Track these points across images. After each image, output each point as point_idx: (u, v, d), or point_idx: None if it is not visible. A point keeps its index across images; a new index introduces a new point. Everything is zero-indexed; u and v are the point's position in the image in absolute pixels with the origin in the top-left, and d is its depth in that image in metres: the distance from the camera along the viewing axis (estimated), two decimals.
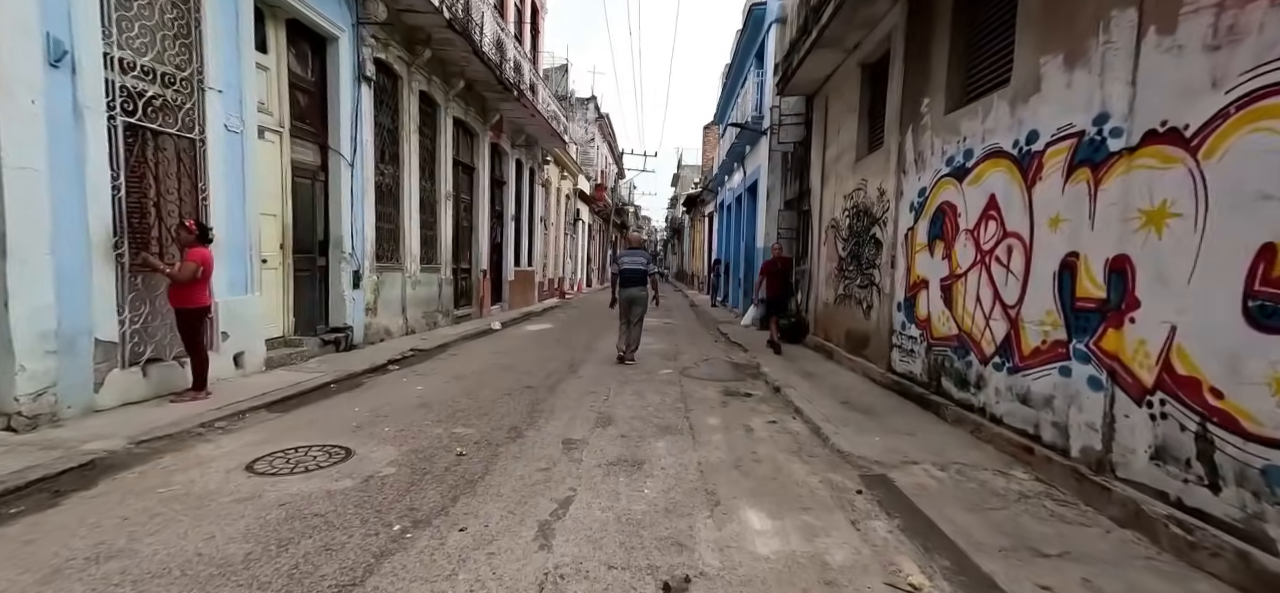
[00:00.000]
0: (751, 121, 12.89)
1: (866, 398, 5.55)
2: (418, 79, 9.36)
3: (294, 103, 6.77)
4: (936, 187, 5.09)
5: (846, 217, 7.64)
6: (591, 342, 9.58)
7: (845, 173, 7.71)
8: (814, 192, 9.28)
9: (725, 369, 7.43)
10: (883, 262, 6.27)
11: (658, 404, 5.30)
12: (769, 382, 6.46)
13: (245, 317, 5.68)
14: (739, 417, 4.99)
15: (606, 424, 4.57)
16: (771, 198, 12.07)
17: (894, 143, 6.00)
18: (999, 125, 4.15)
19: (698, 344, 9.88)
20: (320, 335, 7.14)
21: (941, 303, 4.94)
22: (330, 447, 3.73)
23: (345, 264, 7.50)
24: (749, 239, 14.76)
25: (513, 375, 6.41)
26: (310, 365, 6.33)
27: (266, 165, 6.28)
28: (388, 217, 8.93)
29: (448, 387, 5.73)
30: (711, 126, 33.12)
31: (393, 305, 8.95)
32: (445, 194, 10.73)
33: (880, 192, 6.42)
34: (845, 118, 7.76)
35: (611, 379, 6.41)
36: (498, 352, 8.19)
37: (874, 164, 6.70)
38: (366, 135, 7.93)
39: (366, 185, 7.97)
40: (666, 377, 6.68)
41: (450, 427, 4.32)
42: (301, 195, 6.95)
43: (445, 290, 10.78)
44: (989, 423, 4.10)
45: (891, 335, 5.96)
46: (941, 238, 4.98)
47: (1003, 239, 4.07)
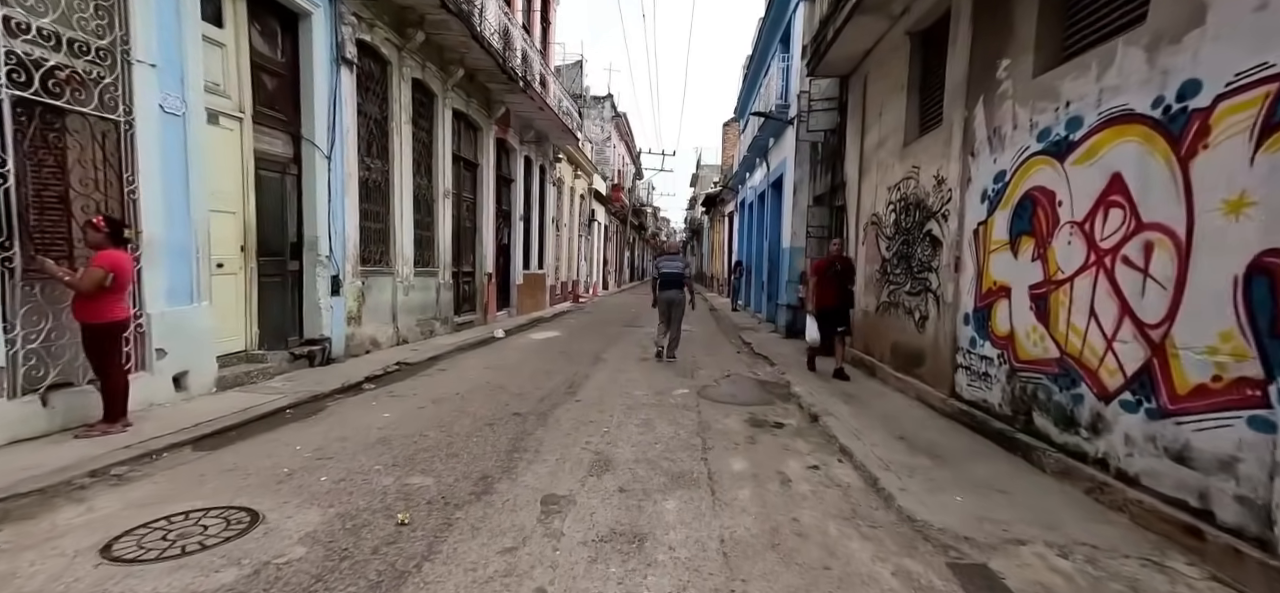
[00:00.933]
0: (776, 110, 11.83)
1: (928, 432, 4.49)
2: (410, 65, 8.56)
3: (258, 86, 5.98)
4: (1022, 169, 4.01)
5: (892, 211, 6.57)
6: (601, 352, 8.63)
7: (890, 160, 6.63)
8: (849, 184, 8.20)
9: (750, 389, 6.42)
10: (942, 264, 5.20)
11: (669, 439, 4.32)
12: (804, 407, 5.43)
13: (190, 330, 4.88)
14: (771, 459, 3.98)
15: (602, 470, 3.61)
16: (799, 193, 10.99)
17: (957, 119, 4.93)
18: (1128, 79, 3.08)
19: (717, 356, 8.87)
20: (291, 349, 6.34)
21: (1031, 317, 3.86)
22: (235, 511, 2.85)
23: (321, 268, 6.69)
24: (773, 239, 13.66)
25: (502, 398, 5.50)
26: (272, 385, 5.51)
27: (222, 155, 5.49)
28: (375, 215, 8.13)
29: (421, 413, 4.84)
30: (731, 124, 32.01)
31: (381, 313, 8.14)
32: (444, 192, 9.92)
33: (937, 179, 5.35)
34: (890, 97, 6.69)
35: (617, 402, 5.45)
36: (493, 366, 7.31)
37: (929, 147, 5.63)
38: (347, 125, 7.12)
39: (348, 180, 7.17)
40: (681, 399, 5.70)
41: (405, 475, 3.41)
42: (268, 191, 6.15)
43: (444, 296, 9.97)
44: (1117, 483, 3.03)
45: (955, 353, 4.88)
46: (1031, 234, 3.91)
47: (1136, 233, 3.00)
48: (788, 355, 8.49)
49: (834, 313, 6.66)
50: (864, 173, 7.64)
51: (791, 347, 9.41)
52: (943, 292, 5.16)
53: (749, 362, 8.39)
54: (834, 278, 6.65)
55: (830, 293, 6.64)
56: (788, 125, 11.64)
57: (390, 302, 8.37)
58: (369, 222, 7.97)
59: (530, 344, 9.55)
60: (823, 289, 6.69)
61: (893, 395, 5.84)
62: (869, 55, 7.40)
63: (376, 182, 8.13)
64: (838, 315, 6.66)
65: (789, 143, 11.73)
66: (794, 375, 6.90)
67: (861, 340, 7.50)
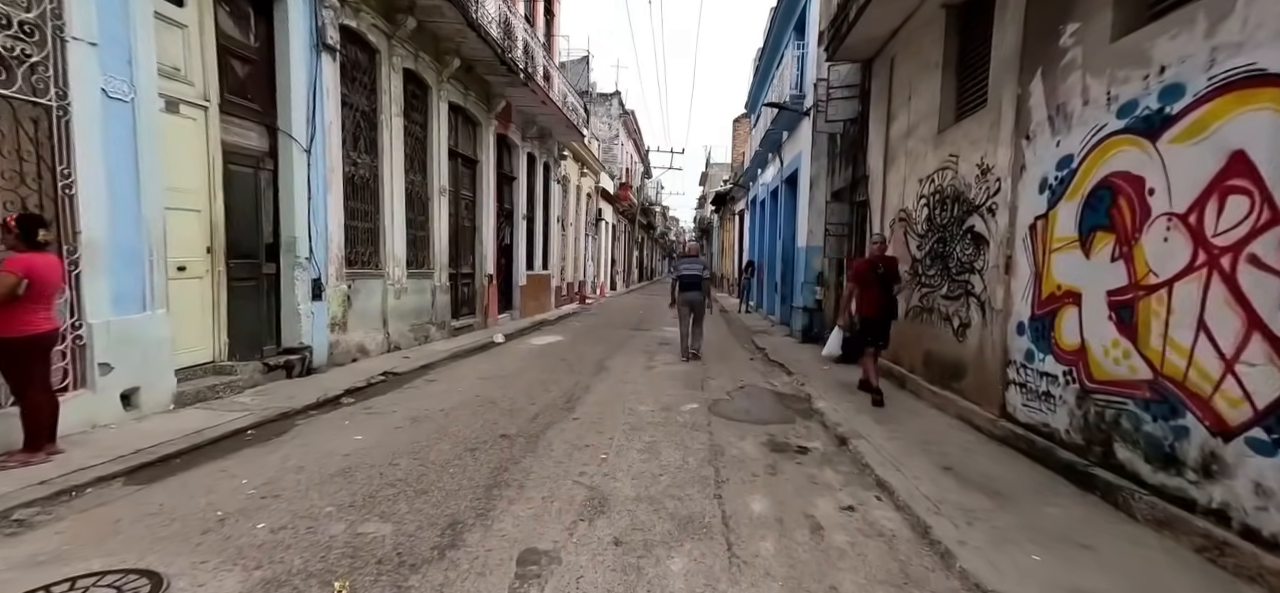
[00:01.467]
0: (790, 101, 11.18)
1: (978, 461, 3.85)
2: (401, 54, 8.03)
3: (227, 72, 5.47)
4: (1097, 152, 3.37)
5: (923, 205, 5.92)
6: (604, 359, 8.06)
7: (922, 149, 5.99)
8: (872, 177, 7.55)
9: (767, 403, 5.81)
10: (989, 264, 4.55)
11: (676, 469, 3.73)
12: (829, 427, 4.81)
13: (142, 341, 4.37)
14: (796, 496, 3.37)
15: (596, 513, 3.03)
16: (815, 188, 10.33)
17: (1007, 98, 4.29)
18: (1257, 31, 2.44)
19: (729, 362, 8.25)
20: (265, 360, 5.82)
21: (1111, 328, 3.22)
22: (134, 576, 2.31)
23: (300, 271, 6.18)
24: (787, 237, 13.01)
25: (491, 415, 4.94)
26: (239, 401, 5.00)
27: (183, 148, 4.99)
28: (363, 214, 7.62)
29: (396, 435, 4.29)
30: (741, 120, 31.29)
31: (369, 318, 7.63)
32: (439, 189, 9.41)
33: (982, 168, 4.71)
34: (922, 79, 6.04)
35: (618, 420, 4.87)
36: (488, 375, 6.76)
37: (969, 133, 4.99)
38: (330, 117, 6.61)
39: (331, 176, 6.65)
40: (690, 416, 5.10)
41: (360, 520, 2.86)
42: (239, 187, 5.65)
43: (440, 299, 9.45)
44: (1244, 543, 2.39)
45: (1005, 367, 4.24)
46: (1108, 229, 3.27)
47: (1270, 226, 2.36)
48: (806, 363, 7.86)
49: (877, 324, 5.49)
50: (890, 164, 6.99)
51: (809, 353, 8.77)
52: (989, 296, 4.52)
53: (764, 370, 7.77)
54: (876, 282, 5.46)
55: (872, 300, 5.45)
56: (803, 117, 11.00)
57: (380, 306, 7.86)
58: (356, 221, 7.47)
59: (530, 350, 9.00)
60: (865, 296, 5.50)
61: (929, 413, 5.20)
62: (896, 35, 6.75)
63: (364, 178, 7.61)
64: (880, 327, 5.50)
65: (804, 135, 11.08)
66: (815, 387, 6.28)
67: (889, 349, 6.84)
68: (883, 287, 5.49)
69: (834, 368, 7.50)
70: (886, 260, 5.65)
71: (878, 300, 5.48)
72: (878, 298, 5.47)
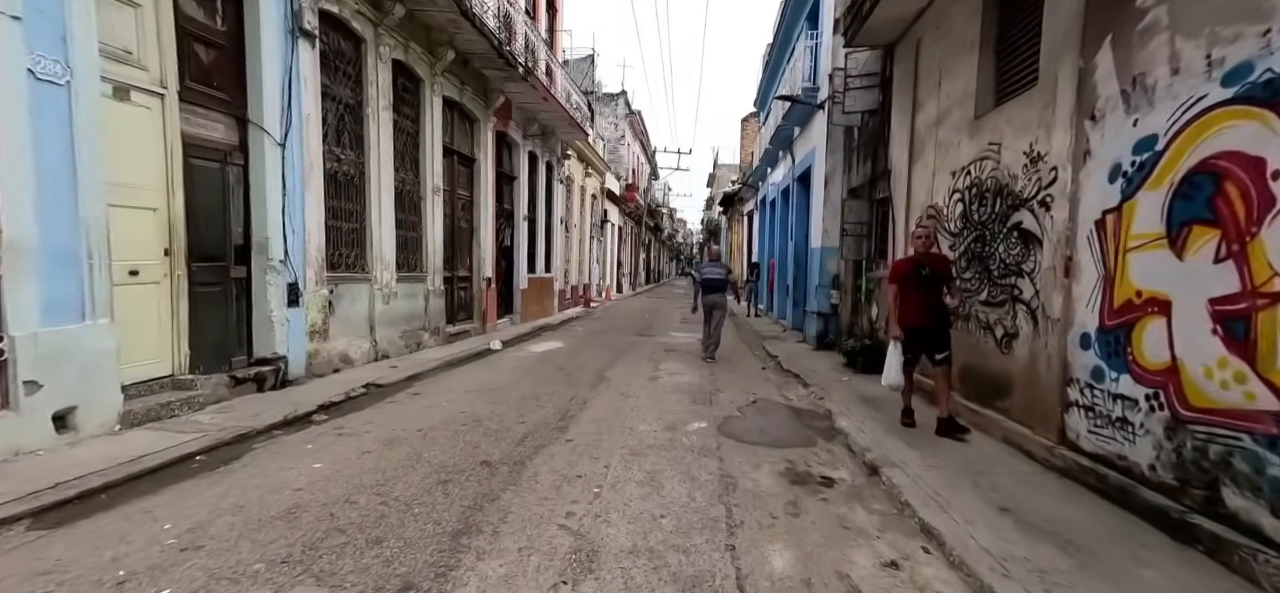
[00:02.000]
0: (803, 94, 10.59)
1: (1040, 500, 3.26)
2: (389, 44, 7.55)
3: (189, 57, 4.99)
4: (1193, 128, 2.78)
5: (957, 201, 5.32)
6: (605, 369, 7.51)
7: (954, 139, 5.39)
8: (896, 171, 6.96)
9: (783, 421, 5.23)
10: (1042, 266, 3.95)
11: (681, 508, 3.17)
12: (856, 451, 4.22)
13: (79, 355, 3.88)
14: (826, 545, 2.80)
15: (583, 571, 2.48)
16: (831, 186, 9.74)
17: (1066, 73, 3.69)
18: None
19: (740, 372, 7.68)
20: (233, 372, 5.33)
21: (1219, 344, 2.62)
22: None
23: (274, 275, 5.69)
24: (800, 238, 12.41)
25: (473, 436, 4.40)
26: (197, 420, 4.50)
27: (134, 139, 4.51)
28: (347, 213, 7.13)
29: (362, 463, 3.76)
30: (750, 119, 30.70)
31: (354, 325, 7.14)
32: (433, 188, 8.92)
33: (1031, 157, 4.11)
34: (953, 61, 5.45)
35: (616, 442, 4.32)
36: (477, 388, 6.23)
37: (1015, 117, 4.39)
38: (308, 108, 6.13)
39: (309, 173, 6.16)
40: (697, 438, 4.53)
41: (288, 585, 2.32)
42: (203, 183, 5.17)
43: (434, 303, 8.95)
44: None
45: (1065, 386, 3.64)
46: (1211, 223, 2.67)
47: None
48: (823, 373, 7.28)
49: (925, 335, 4.54)
50: (916, 157, 6.39)
51: (825, 362, 8.18)
52: (1043, 303, 3.92)
53: (777, 381, 7.19)
54: (920, 285, 4.56)
55: (916, 307, 4.57)
56: (816, 110, 10.41)
57: (366, 312, 7.37)
58: (339, 221, 6.98)
59: (527, 359, 8.47)
60: (908, 301, 4.60)
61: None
62: (923, 15, 6.16)
63: (349, 175, 7.13)
64: (931, 338, 4.52)
65: (818, 130, 10.49)
66: (835, 402, 5.69)
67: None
68: (929, 291, 4.53)
69: (854, 379, 6.92)
70: (933, 259, 4.66)
71: (924, 307, 4.52)
72: (922, 303, 4.52)
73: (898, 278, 4.74)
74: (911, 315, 4.59)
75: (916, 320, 4.57)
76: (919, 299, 4.56)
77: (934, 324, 4.52)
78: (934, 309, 4.50)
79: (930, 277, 4.55)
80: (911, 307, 4.59)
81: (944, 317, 4.53)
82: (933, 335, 4.53)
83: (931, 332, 4.53)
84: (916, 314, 4.56)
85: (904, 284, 4.65)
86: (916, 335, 4.61)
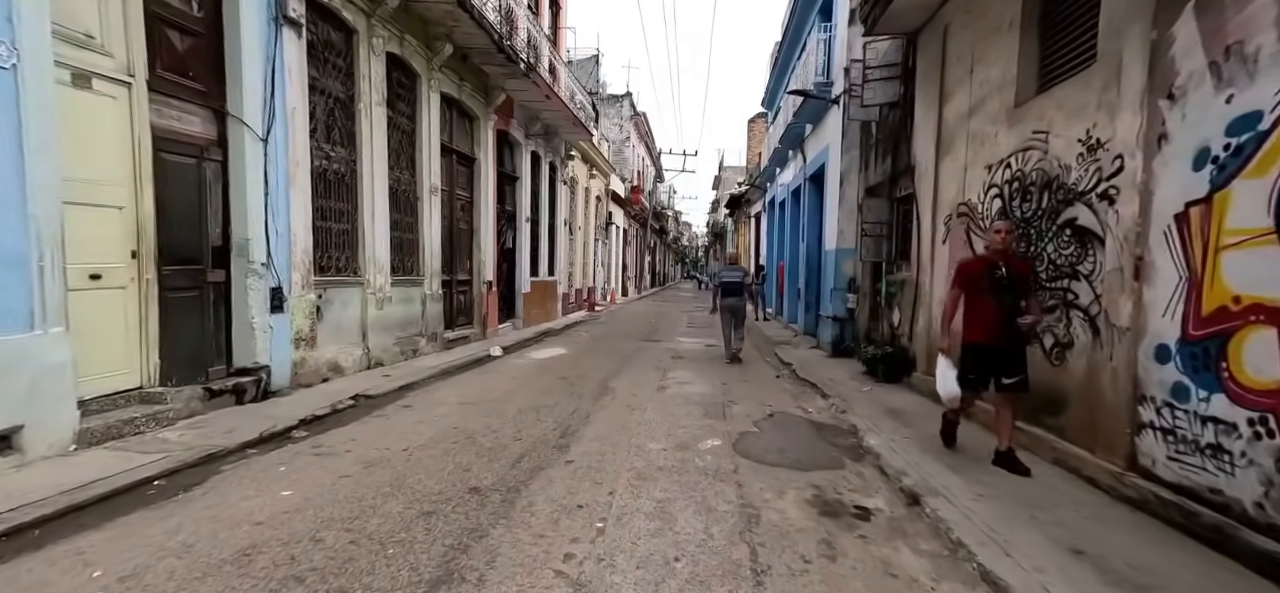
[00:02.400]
0: (816, 89, 10.15)
1: (1114, 537, 2.80)
2: (382, 36, 7.18)
3: (161, 44, 4.62)
4: None
5: (994, 196, 4.87)
6: (610, 378, 7.08)
7: (990, 130, 4.95)
8: (920, 168, 6.51)
9: (804, 438, 4.78)
10: (1104, 267, 3.50)
11: (697, 548, 2.74)
12: (890, 475, 3.77)
13: (26, 368, 3.49)
14: None
15: None
16: (846, 185, 9.29)
17: (1134, 47, 3.26)
18: None
19: (753, 381, 7.24)
20: (209, 383, 4.95)
21: None
22: None
23: (255, 279, 5.31)
24: (812, 240, 11.97)
25: (464, 456, 3.99)
26: (163, 438, 4.11)
27: (97, 131, 4.14)
28: (337, 214, 6.75)
29: (337, 490, 3.35)
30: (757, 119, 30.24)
31: (346, 332, 6.75)
32: (430, 188, 8.54)
33: (1089, 144, 3.66)
34: (990, 44, 5.01)
35: (622, 464, 3.89)
36: (473, 399, 5.82)
37: (1066, 101, 3.95)
38: (294, 101, 5.76)
39: (294, 170, 5.79)
40: (712, 459, 4.10)
41: None
42: (176, 180, 4.79)
43: (431, 308, 8.56)
44: None
45: (1136, 405, 3.18)
46: None
47: None
48: (842, 383, 6.83)
49: (994, 355, 3.70)
50: (944, 151, 5.94)
51: (843, 370, 7.73)
52: (1106, 309, 3.47)
53: (794, 392, 6.74)
54: (994, 292, 3.66)
55: (987, 319, 3.69)
56: (831, 106, 9.97)
57: (358, 318, 6.98)
58: (329, 221, 6.60)
59: (528, 366, 8.06)
60: (976, 310, 3.78)
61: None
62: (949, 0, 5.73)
63: (339, 173, 6.75)
64: (1002, 359, 3.68)
65: (832, 127, 10.05)
66: (860, 415, 5.24)
67: None
68: (1003, 299, 3.64)
69: (876, 389, 6.47)
70: (1012, 261, 3.76)
71: (994, 318, 3.66)
72: (995, 315, 3.65)
73: (964, 281, 3.90)
74: (980, 329, 3.73)
75: (986, 336, 3.70)
76: (990, 309, 3.67)
77: (1007, 341, 3.66)
78: (1008, 323, 3.63)
79: (1008, 282, 3.67)
80: (980, 318, 3.73)
81: (1019, 333, 3.65)
82: (1004, 355, 3.67)
83: (1003, 351, 3.67)
84: (986, 328, 3.69)
85: (972, 289, 3.81)
86: (984, 355, 3.73)
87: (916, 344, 6.51)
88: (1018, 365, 3.67)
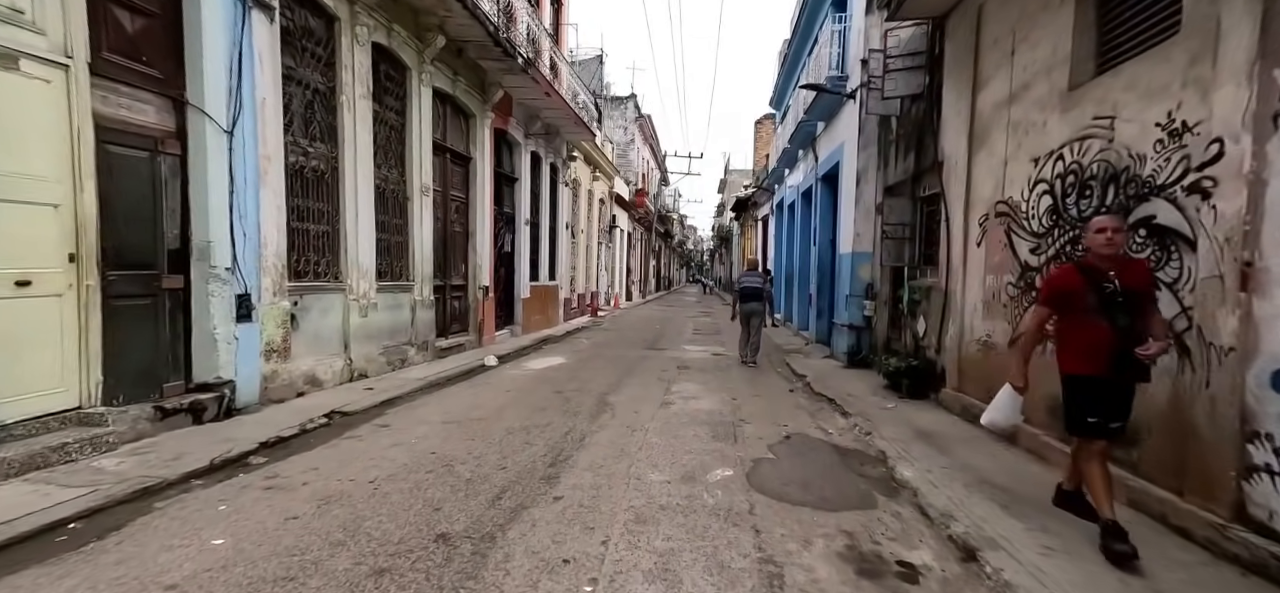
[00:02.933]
0: (829, 84, 9.60)
1: None
2: (368, 25, 6.70)
3: (106, 23, 4.15)
4: None
5: (1043, 193, 4.31)
6: (610, 392, 6.54)
7: (1040, 117, 4.38)
8: (950, 163, 5.95)
9: (827, 466, 4.22)
10: (1198, 274, 2.93)
11: None
12: (934, 518, 3.20)
13: None
14: None
15: None
16: (863, 184, 8.73)
17: (1235, 9, 2.70)
18: None
19: (765, 396, 6.67)
20: (162, 402, 4.45)
21: None
22: None
23: (218, 285, 4.82)
24: (824, 243, 11.41)
25: (438, 490, 3.46)
26: (100, 466, 3.61)
27: (26, 119, 3.65)
28: (317, 214, 6.26)
29: (279, 537, 2.83)
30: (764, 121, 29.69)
31: (325, 342, 6.25)
32: (421, 188, 8.05)
33: (1172, 128, 3.10)
34: (1035, 22, 4.45)
35: (620, 501, 3.35)
36: (459, 417, 5.29)
37: (1138, 79, 3.38)
38: (264, 92, 5.27)
39: (266, 166, 5.30)
40: (723, 496, 3.54)
41: None
42: (126, 176, 4.31)
43: (422, 315, 8.06)
44: None
45: (1245, 442, 2.61)
46: None
47: None
48: (862, 398, 6.26)
49: (1108, 391, 2.75)
50: (978, 145, 5.38)
51: (862, 383, 7.15)
52: (1199, 325, 2.90)
53: (810, 407, 6.17)
54: (1104, 311, 2.71)
55: (1098, 344, 2.72)
56: (846, 101, 9.42)
57: (339, 326, 6.48)
58: (306, 222, 6.12)
59: (523, 378, 7.53)
60: (1079, 335, 2.82)
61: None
62: None
63: (319, 171, 6.26)
64: (1114, 398, 2.76)
65: (846, 123, 9.50)
66: (886, 438, 4.67)
67: (982, 387, 5.21)
68: (1118, 320, 2.67)
69: (901, 406, 5.91)
70: (1128, 269, 2.79)
71: (1106, 345, 2.68)
72: (1108, 341, 2.68)
73: (1058, 297, 2.90)
74: (1088, 357, 2.74)
75: (1091, 364, 2.74)
76: (1101, 334, 2.70)
77: (1119, 374, 2.70)
78: (1124, 351, 2.65)
79: (1124, 298, 2.69)
80: (1086, 345, 2.76)
81: (1138, 365, 2.69)
82: (1116, 393, 2.74)
83: (1114, 387, 2.73)
84: (1094, 357, 2.72)
85: (1071, 309, 2.84)
86: (1088, 389, 2.76)
87: (945, 357, 5.94)
88: (1128, 406, 2.81)
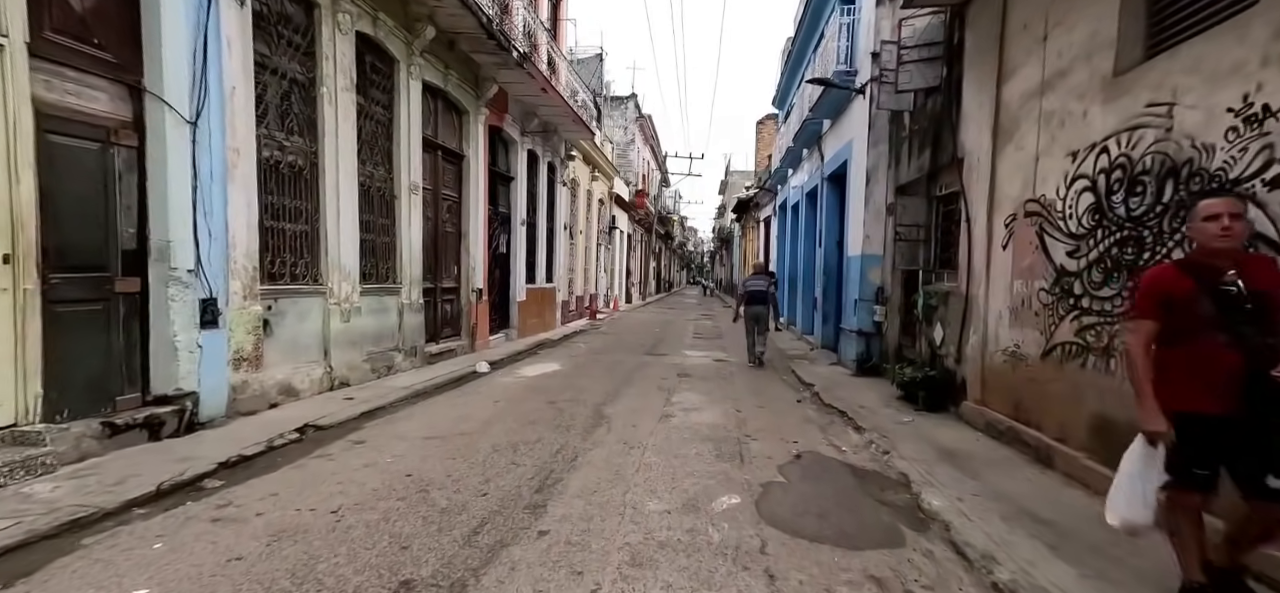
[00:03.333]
0: (838, 79, 9.21)
1: None
2: (351, 12, 6.32)
3: (50, 0, 3.76)
4: None
5: (1085, 190, 3.91)
6: (607, 402, 6.14)
7: (1078, 106, 3.99)
8: (971, 159, 5.55)
9: (845, 492, 3.82)
10: None
11: None
12: (974, 562, 2.80)
13: None
14: None
15: None
16: (873, 183, 8.34)
17: None
18: None
19: (772, 408, 6.27)
20: (112, 417, 4.05)
21: None
22: None
23: (180, 289, 4.42)
24: (830, 245, 11.00)
25: (409, 523, 3.06)
26: (31, 492, 3.23)
27: None
28: (293, 212, 5.87)
29: (215, 583, 2.43)
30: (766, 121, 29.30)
31: (303, 349, 5.86)
32: (410, 186, 7.67)
33: (1248, 114, 2.71)
34: (1071, 5, 4.06)
35: (614, 535, 2.95)
36: (441, 433, 4.89)
37: (1203, 60, 2.99)
38: (233, 80, 4.88)
39: (235, 159, 4.91)
40: (731, 530, 3.14)
41: None
42: (72, 169, 3.92)
43: (410, 320, 7.66)
44: None
45: None
46: None
47: None
48: (876, 411, 5.85)
49: (1235, 433, 2.09)
50: (1004, 139, 4.99)
51: (874, 393, 6.75)
52: None
53: (820, 421, 5.77)
54: (1224, 323, 2.09)
55: (1216, 368, 2.10)
56: (854, 96, 9.03)
57: (319, 332, 6.09)
58: (282, 221, 5.72)
59: (515, 386, 7.13)
60: (1189, 356, 2.17)
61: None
62: None
63: (296, 166, 5.87)
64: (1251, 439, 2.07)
65: (855, 120, 9.11)
66: (907, 458, 4.27)
67: (1003, 397, 4.81)
68: (1244, 333, 2.07)
69: (918, 421, 5.52)
70: (1256, 264, 2.27)
71: (1230, 369, 2.09)
72: (1230, 363, 2.09)
73: (1162, 305, 2.22)
74: (1202, 390, 2.12)
75: (1217, 400, 2.10)
76: (1220, 354, 2.09)
77: (1253, 407, 2.06)
78: (1257, 373, 2.04)
79: (1253, 304, 2.06)
80: (1200, 370, 2.13)
81: (1275, 392, 2.02)
82: (1249, 431, 2.07)
83: (1245, 425, 2.07)
84: (1215, 387, 2.10)
85: (1179, 320, 2.18)
86: (1217, 432, 2.12)
87: (966, 368, 5.53)
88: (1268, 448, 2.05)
